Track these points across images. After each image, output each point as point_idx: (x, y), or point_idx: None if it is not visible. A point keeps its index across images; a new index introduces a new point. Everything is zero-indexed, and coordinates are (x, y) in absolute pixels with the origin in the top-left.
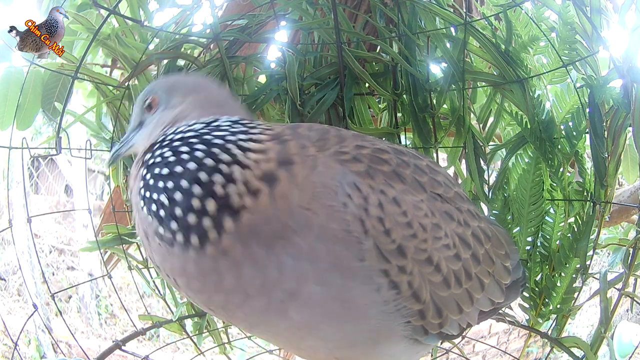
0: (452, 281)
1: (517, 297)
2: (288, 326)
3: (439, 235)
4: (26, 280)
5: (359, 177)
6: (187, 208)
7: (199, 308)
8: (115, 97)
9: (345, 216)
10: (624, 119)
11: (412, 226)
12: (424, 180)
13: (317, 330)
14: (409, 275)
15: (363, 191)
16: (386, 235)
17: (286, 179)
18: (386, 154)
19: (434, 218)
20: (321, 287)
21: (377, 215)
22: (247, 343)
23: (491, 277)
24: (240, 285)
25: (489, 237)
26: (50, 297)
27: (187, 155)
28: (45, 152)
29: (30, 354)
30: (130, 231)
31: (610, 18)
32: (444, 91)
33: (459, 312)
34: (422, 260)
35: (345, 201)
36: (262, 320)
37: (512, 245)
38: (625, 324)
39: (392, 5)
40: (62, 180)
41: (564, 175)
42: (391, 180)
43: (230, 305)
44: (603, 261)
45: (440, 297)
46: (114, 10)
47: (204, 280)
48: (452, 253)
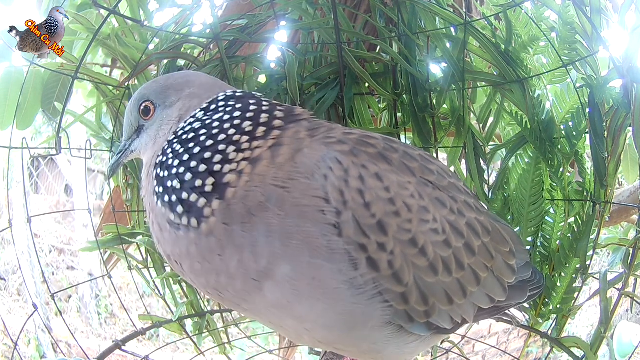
0: (440, 268)
1: (524, 297)
2: (266, 306)
3: (426, 218)
4: (26, 280)
5: (342, 155)
6: (190, 188)
7: (199, 308)
8: (115, 97)
9: (325, 190)
10: (624, 119)
11: (394, 203)
12: (413, 165)
13: (291, 310)
14: (390, 254)
15: (344, 164)
16: (365, 209)
17: (267, 159)
18: (373, 139)
19: (422, 201)
20: (290, 265)
21: (357, 187)
22: (247, 343)
23: (489, 272)
24: (223, 265)
25: (487, 231)
26: (50, 297)
27: (193, 143)
28: (45, 152)
29: (30, 353)
30: (130, 231)
31: (610, 18)
32: (444, 91)
33: (448, 302)
34: (406, 241)
35: (326, 173)
36: (244, 300)
37: (520, 245)
38: (625, 324)
39: (392, 5)
40: (62, 180)
41: (564, 175)
42: (376, 160)
43: (220, 287)
44: (603, 261)
45: (425, 283)
46: (114, 10)
47: (202, 260)
48: (441, 239)
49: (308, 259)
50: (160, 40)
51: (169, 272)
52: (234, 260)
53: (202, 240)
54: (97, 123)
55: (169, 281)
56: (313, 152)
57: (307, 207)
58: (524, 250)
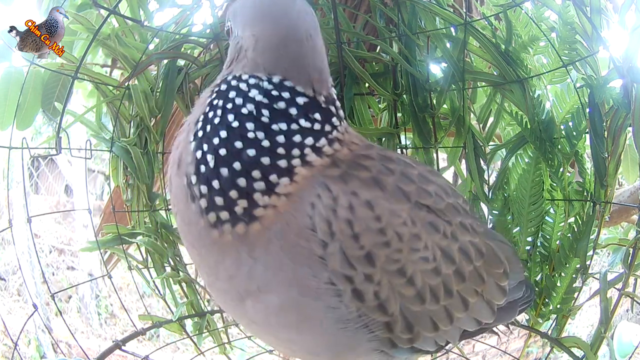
0: (427, 296)
1: (513, 317)
2: (246, 318)
3: (416, 246)
4: (26, 280)
5: (331, 181)
6: (232, 183)
7: (199, 308)
8: (115, 97)
9: (312, 221)
10: (624, 119)
11: (385, 233)
12: (409, 189)
13: (276, 333)
14: (376, 285)
15: (333, 191)
16: (354, 240)
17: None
18: (369, 160)
19: (414, 228)
20: (279, 298)
21: (345, 217)
22: (247, 343)
23: (479, 297)
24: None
25: (481, 254)
26: (50, 297)
27: (252, 134)
28: (45, 152)
29: (30, 354)
30: (130, 231)
31: (610, 18)
32: (444, 91)
33: (433, 329)
34: (394, 271)
35: (313, 201)
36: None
37: (516, 264)
38: (625, 324)
39: (392, 5)
40: (62, 180)
41: (564, 175)
42: (367, 186)
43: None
44: (603, 261)
45: (411, 312)
46: (114, 10)
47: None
48: (431, 267)
49: (297, 297)
50: (160, 40)
51: (169, 272)
52: (227, 272)
53: (207, 238)
54: (97, 123)
55: (169, 281)
56: (308, 181)
57: (301, 248)
58: (520, 269)
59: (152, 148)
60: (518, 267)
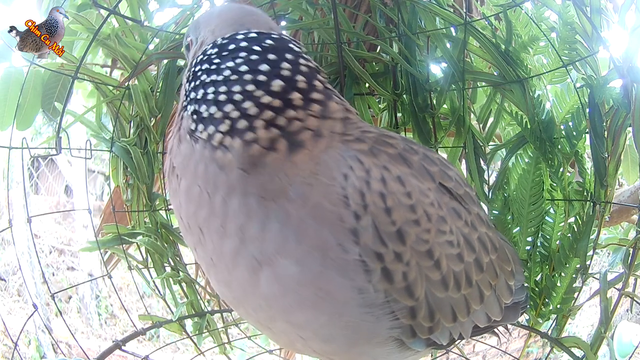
0: (451, 283)
1: (515, 319)
2: (256, 296)
3: (443, 229)
4: (26, 281)
5: (362, 154)
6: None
7: (199, 308)
8: (115, 97)
9: (344, 192)
10: (624, 119)
11: (415, 211)
12: (433, 169)
13: (288, 313)
14: (405, 265)
15: (365, 164)
16: (386, 214)
17: (308, 149)
18: (392, 139)
19: (441, 210)
20: (298, 267)
21: (378, 190)
22: (247, 343)
23: (492, 291)
24: (222, 212)
25: (495, 248)
26: (50, 297)
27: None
28: (45, 152)
29: (30, 354)
30: (130, 231)
31: (610, 18)
32: (444, 91)
33: (452, 319)
34: (422, 252)
35: (346, 172)
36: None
37: (519, 267)
38: (625, 324)
39: (392, 5)
40: (62, 180)
41: (564, 175)
42: (396, 161)
43: (205, 230)
44: (603, 261)
45: (435, 298)
46: (114, 10)
47: (203, 184)
48: (455, 252)
49: (320, 268)
50: (160, 40)
51: (169, 272)
52: (237, 219)
53: (212, 166)
54: (97, 123)
55: (169, 281)
56: (332, 151)
57: (327, 211)
58: (521, 272)
59: (152, 148)
60: (520, 269)
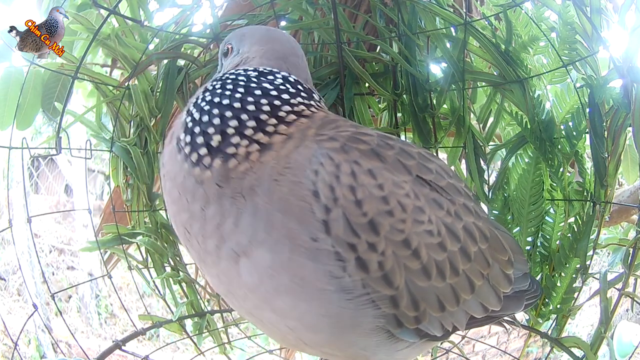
0: (433, 272)
1: (519, 309)
2: (240, 285)
3: (421, 219)
4: (26, 280)
5: (333, 151)
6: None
7: (199, 308)
8: (115, 97)
9: (315, 187)
10: (624, 119)
11: (387, 202)
12: (410, 163)
13: (269, 300)
14: (381, 255)
15: (336, 160)
16: (357, 206)
17: (275, 150)
18: (367, 136)
19: (417, 201)
20: (270, 254)
21: (348, 183)
22: (247, 343)
23: (484, 280)
24: (200, 217)
25: (485, 237)
26: (50, 297)
27: (229, 92)
28: (45, 152)
29: (30, 354)
30: (130, 231)
31: (610, 18)
32: (444, 91)
33: (440, 308)
34: (398, 242)
35: (317, 169)
36: (218, 269)
37: (520, 255)
38: (625, 324)
39: (392, 5)
40: (62, 180)
41: (564, 175)
42: (368, 157)
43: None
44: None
45: (417, 287)
46: (114, 10)
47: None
48: (436, 241)
49: (288, 255)
50: (160, 40)
51: (169, 272)
52: (213, 220)
53: (191, 179)
54: (97, 123)
55: (169, 281)
56: (306, 150)
57: (293, 205)
58: (523, 261)
59: (152, 148)
60: (522, 258)
